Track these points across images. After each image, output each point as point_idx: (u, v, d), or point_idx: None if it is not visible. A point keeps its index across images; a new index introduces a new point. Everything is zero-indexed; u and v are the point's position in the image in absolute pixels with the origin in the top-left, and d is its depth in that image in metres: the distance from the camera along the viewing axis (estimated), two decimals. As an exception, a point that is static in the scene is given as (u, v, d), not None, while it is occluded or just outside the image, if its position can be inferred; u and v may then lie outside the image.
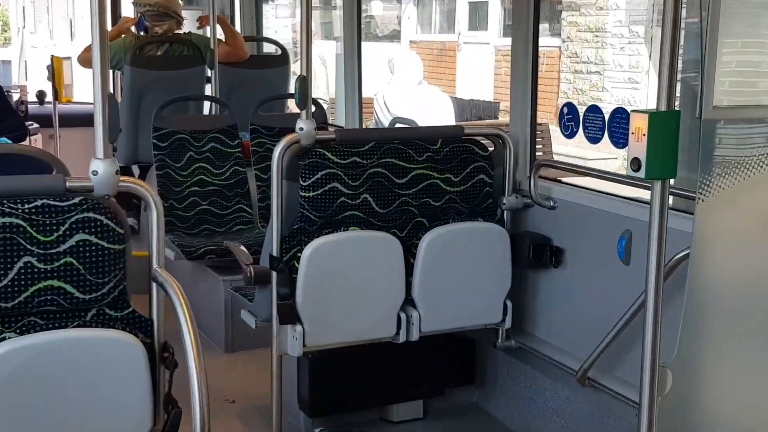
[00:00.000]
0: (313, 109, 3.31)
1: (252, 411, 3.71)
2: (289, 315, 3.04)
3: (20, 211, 2.03)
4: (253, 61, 5.83)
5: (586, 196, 3.21)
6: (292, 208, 3.09)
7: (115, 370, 2.04)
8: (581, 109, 3.10)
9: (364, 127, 5.23)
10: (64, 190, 2.08)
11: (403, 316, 3.20)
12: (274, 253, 3.09)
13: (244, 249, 3.45)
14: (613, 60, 11.39)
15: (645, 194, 2.75)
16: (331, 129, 4.68)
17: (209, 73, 5.54)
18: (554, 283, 3.36)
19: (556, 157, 8.39)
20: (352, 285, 3.11)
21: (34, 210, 2.04)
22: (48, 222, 2.04)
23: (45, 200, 2.05)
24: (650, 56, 10.97)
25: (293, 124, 3.16)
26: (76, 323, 2.08)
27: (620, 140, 2.77)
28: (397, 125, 4.28)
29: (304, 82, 3.13)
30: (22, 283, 2.03)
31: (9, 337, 2.03)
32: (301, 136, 3.09)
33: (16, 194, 2.05)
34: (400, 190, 3.18)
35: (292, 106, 6.11)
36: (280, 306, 3.05)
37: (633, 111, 1.90)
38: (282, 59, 6.04)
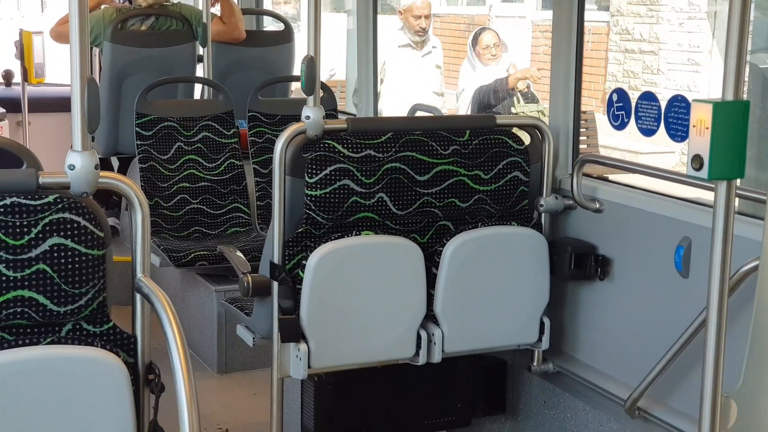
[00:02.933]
0: (321, 94, 3.32)
1: (248, 442, 3.74)
2: (293, 332, 3.06)
3: None
4: (252, 38, 5.85)
5: (638, 197, 3.21)
6: (296, 209, 3.10)
7: (94, 394, 2.06)
8: (633, 96, 3.10)
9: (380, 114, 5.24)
10: (37, 187, 2.09)
11: (423, 334, 3.21)
12: (276, 261, 3.10)
13: (241, 255, 3.47)
14: (670, 38, 11.36)
15: (707, 195, 2.76)
16: (341, 117, 4.70)
17: (201, 51, 5.57)
18: (600, 298, 3.36)
19: (602, 151, 8.41)
20: (364, 298, 3.12)
21: (1, 210, 2.05)
22: (18, 223, 2.06)
23: (14, 198, 2.07)
24: (714, 34, 10.93)
25: (297, 111, 3.18)
26: (49, 339, 2.10)
27: (678, 133, 2.78)
28: (419, 113, 4.29)
29: (312, 63, 3.14)
30: None
31: (-28, 355, 2.05)
32: (307, 126, 3.10)
33: None
34: (422, 189, 3.19)
35: (296, 89, 6.13)
36: (281, 321, 3.07)
37: (694, 100, 1.90)
38: (285, 36, 6.07)
